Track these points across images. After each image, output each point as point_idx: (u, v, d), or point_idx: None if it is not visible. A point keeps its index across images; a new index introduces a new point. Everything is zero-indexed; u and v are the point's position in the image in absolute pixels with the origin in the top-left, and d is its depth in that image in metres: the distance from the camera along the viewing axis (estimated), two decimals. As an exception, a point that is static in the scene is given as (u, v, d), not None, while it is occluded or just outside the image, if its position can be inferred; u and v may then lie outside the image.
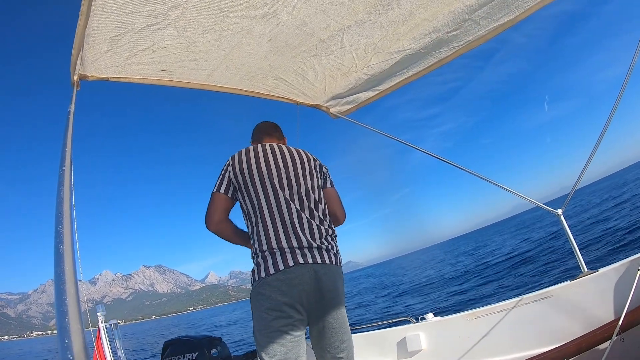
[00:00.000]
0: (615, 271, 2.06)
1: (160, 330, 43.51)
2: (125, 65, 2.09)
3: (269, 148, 1.82)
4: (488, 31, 2.44)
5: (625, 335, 1.83)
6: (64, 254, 0.91)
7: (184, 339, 2.88)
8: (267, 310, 1.54)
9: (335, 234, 1.79)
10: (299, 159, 1.81)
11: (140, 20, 1.78)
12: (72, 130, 1.53)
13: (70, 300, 0.79)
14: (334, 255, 1.69)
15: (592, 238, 11.16)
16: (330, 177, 1.93)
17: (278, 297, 1.53)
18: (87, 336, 0.84)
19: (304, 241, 1.60)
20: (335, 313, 1.65)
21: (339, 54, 2.43)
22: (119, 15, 1.71)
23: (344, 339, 1.69)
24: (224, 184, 1.75)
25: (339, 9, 2.05)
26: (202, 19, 1.88)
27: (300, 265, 1.56)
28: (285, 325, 1.53)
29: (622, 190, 24.55)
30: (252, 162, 1.73)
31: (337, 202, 1.90)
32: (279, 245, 1.58)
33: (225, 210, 1.76)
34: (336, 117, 3.16)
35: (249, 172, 1.71)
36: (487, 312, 2.40)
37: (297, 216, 1.65)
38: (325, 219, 1.76)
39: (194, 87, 2.48)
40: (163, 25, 1.85)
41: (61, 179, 1.21)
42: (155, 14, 1.77)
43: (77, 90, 1.93)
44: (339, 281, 1.69)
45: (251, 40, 2.12)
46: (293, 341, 1.54)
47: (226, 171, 1.77)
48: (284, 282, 1.54)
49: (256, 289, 1.59)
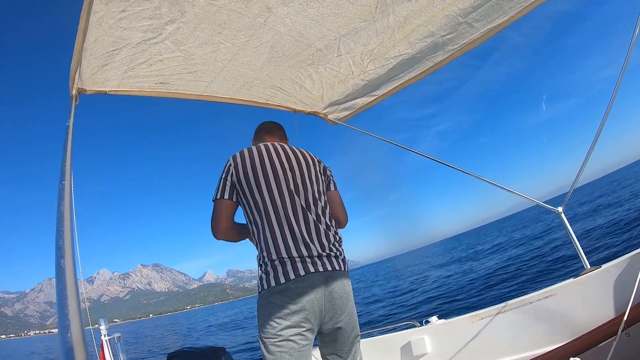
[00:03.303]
0: (618, 267, 2.06)
1: (160, 331, 43.32)
2: (123, 79, 2.09)
3: (272, 148, 1.74)
4: (483, 33, 2.46)
5: (631, 330, 1.83)
6: (64, 253, 0.91)
7: (188, 350, 2.86)
8: (277, 319, 1.50)
9: (341, 239, 1.76)
10: (304, 162, 1.75)
11: (137, 35, 1.79)
12: (71, 144, 1.51)
13: (71, 300, 0.79)
14: (342, 261, 1.67)
15: (594, 234, 11.17)
16: (333, 180, 1.89)
17: (290, 306, 1.50)
18: (87, 335, 0.85)
19: (314, 250, 1.57)
20: (347, 318, 1.63)
21: (336, 61, 2.44)
22: (115, 30, 1.72)
23: (355, 344, 1.69)
24: (227, 189, 1.65)
25: (334, 20, 2.06)
26: (198, 32, 1.89)
27: (311, 274, 1.53)
28: (295, 334, 1.50)
29: (621, 187, 24.57)
30: (256, 165, 1.65)
31: (340, 205, 1.87)
32: (289, 255, 1.54)
33: (231, 217, 1.68)
34: (334, 123, 3.17)
35: (254, 176, 1.63)
36: (491, 312, 2.41)
37: (305, 224, 1.61)
38: (332, 224, 1.73)
39: (192, 98, 2.49)
40: (160, 40, 1.86)
41: (61, 192, 1.20)
42: (152, 29, 1.78)
43: (75, 104, 1.93)
44: (348, 286, 1.67)
45: (248, 51, 2.13)
46: (301, 350, 1.51)
47: (228, 173, 1.67)
48: (296, 291, 1.51)
49: (265, 297, 1.55)
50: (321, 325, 1.59)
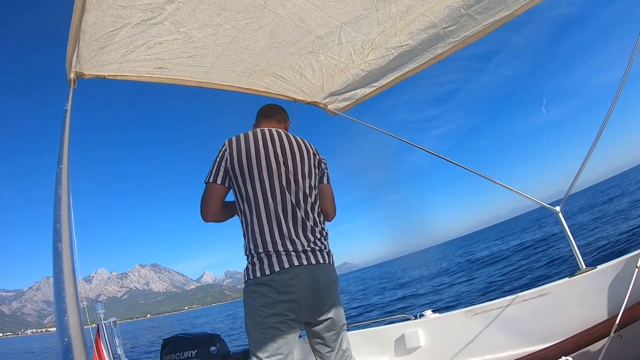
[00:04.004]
0: (613, 268, 2.06)
1: (157, 330, 43.48)
2: (122, 63, 2.08)
3: (268, 136, 1.73)
4: (485, 26, 2.44)
5: (624, 332, 1.84)
6: (63, 253, 0.91)
7: (183, 336, 2.88)
8: (261, 308, 1.53)
9: (327, 234, 1.78)
10: (299, 154, 1.74)
11: (136, 14, 1.77)
12: (69, 129, 1.51)
13: (70, 299, 0.79)
14: (327, 254, 1.69)
15: (591, 236, 11.18)
16: (327, 173, 1.89)
17: (274, 295, 1.53)
18: (85, 334, 0.85)
19: (299, 245, 1.60)
20: (332, 310, 1.65)
21: (336, 50, 2.43)
22: (115, 10, 1.70)
23: (341, 332, 1.70)
24: (220, 174, 1.66)
25: (336, 5, 2.04)
26: (198, 13, 1.87)
27: (295, 267, 1.56)
28: (279, 322, 1.53)
29: (620, 192, 24.55)
30: (251, 156, 1.65)
31: (330, 199, 1.87)
32: (275, 249, 1.57)
33: (221, 200, 1.70)
34: (334, 114, 3.15)
35: (247, 167, 1.63)
36: (486, 309, 2.40)
37: (292, 221, 1.63)
38: (320, 220, 1.75)
39: (191, 85, 2.47)
40: (159, 20, 1.84)
41: (58, 177, 1.20)
42: (152, 8, 1.76)
43: (73, 88, 1.91)
44: (332, 278, 1.68)
45: (248, 35, 2.12)
46: (286, 338, 1.54)
47: (222, 159, 1.68)
48: (280, 282, 1.54)
49: (251, 286, 1.58)
50: (307, 317, 1.60)
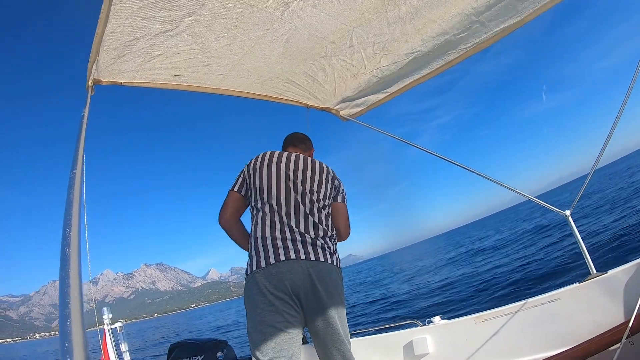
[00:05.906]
0: (624, 273, 2.03)
1: (164, 330, 43.74)
2: (139, 71, 2.12)
3: (285, 154, 1.90)
4: (495, 33, 2.46)
5: (635, 338, 1.80)
6: (70, 258, 0.90)
7: (190, 342, 2.89)
8: (260, 305, 1.53)
9: (334, 240, 1.80)
10: (311, 168, 1.87)
11: (155, 26, 1.81)
12: (85, 134, 1.53)
13: (74, 304, 0.78)
14: (330, 254, 1.69)
15: (601, 238, 11.02)
16: (343, 193, 1.95)
17: (271, 290, 1.53)
18: (92, 336, 0.83)
19: (297, 234, 1.63)
20: (332, 312, 1.62)
21: (348, 52, 2.45)
22: (134, 20, 1.74)
23: (342, 340, 1.66)
24: (238, 183, 1.85)
25: (349, 14, 2.07)
26: (215, 25, 1.91)
27: (291, 260, 1.57)
28: (279, 321, 1.52)
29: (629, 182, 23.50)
30: (265, 162, 1.83)
31: (344, 217, 1.90)
32: (273, 235, 1.62)
33: (235, 208, 1.84)
34: (346, 119, 3.18)
35: (259, 170, 1.80)
36: (495, 314, 2.38)
37: (295, 214, 1.70)
38: (327, 221, 1.79)
39: (206, 92, 2.51)
40: (178, 32, 1.88)
41: (71, 182, 1.19)
42: (170, 20, 1.80)
43: (91, 94, 1.96)
44: (336, 279, 1.68)
45: (263, 45, 2.15)
46: (287, 338, 1.52)
47: (243, 171, 1.88)
48: (276, 276, 1.54)
49: (248, 282, 1.61)
50: (306, 316, 1.61)
